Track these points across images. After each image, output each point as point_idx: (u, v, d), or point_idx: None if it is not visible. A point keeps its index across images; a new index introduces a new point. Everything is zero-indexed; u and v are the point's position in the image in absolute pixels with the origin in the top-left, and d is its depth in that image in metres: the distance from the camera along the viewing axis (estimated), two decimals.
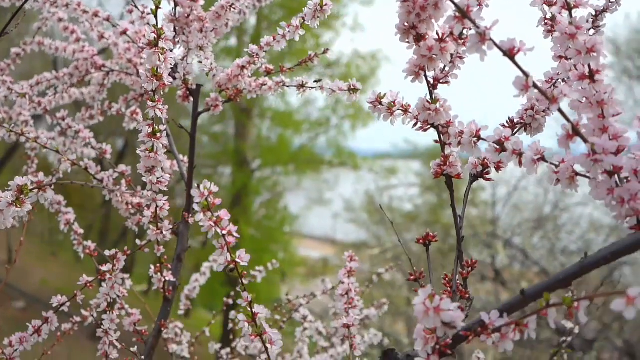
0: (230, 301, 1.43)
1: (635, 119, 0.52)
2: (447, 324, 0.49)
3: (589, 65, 0.52)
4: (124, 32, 0.99)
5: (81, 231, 1.09)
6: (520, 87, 0.50)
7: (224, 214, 0.61)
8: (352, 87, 0.83)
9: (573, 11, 0.59)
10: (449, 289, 0.62)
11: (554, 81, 0.68)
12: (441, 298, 0.49)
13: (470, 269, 0.62)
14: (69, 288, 1.03)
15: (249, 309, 0.63)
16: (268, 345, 0.63)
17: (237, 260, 0.62)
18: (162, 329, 0.97)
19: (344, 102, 11.70)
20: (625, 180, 0.51)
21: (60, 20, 1.17)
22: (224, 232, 0.61)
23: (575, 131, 0.50)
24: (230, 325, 1.41)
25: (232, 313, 1.16)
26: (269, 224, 11.01)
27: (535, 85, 0.49)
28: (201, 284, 1.40)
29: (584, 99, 0.53)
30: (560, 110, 0.50)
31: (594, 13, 0.71)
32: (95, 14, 1.07)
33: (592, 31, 0.70)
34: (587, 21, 0.69)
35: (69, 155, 1.00)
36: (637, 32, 8.98)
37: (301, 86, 0.94)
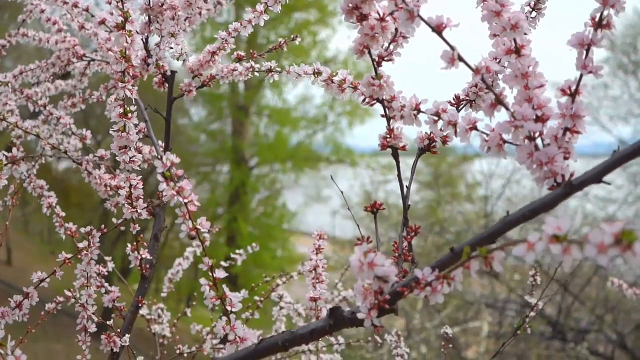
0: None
1: (557, 89, 0.57)
2: (380, 277, 0.54)
3: (514, 40, 0.57)
4: (102, 22, 1.03)
5: (63, 214, 1.13)
6: (447, 60, 0.54)
7: (186, 184, 0.65)
8: (316, 70, 0.88)
9: None
10: (396, 254, 0.67)
11: (498, 59, 0.72)
12: (375, 254, 0.53)
13: (413, 233, 0.66)
14: (68, 286, 1.07)
15: (210, 274, 0.68)
16: (228, 308, 0.67)
17: (198, 227, 0.66)
18: (140, 305, 1.01)
19: (341, 99, 11.74)
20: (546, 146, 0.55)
21: (42, 11, 1.21)
22: (186, 200, 0.65)
23: (498, 100, 0.54)
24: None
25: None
26: (267, 222, 11.06)
27: (460, 58, 0.54)
28: (184, 268, 1.45)
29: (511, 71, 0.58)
30: (484, 81, 0.54)
31: None
32: (75, 5, 1.11)
33: (533, 13, 0.74)
34: (529, 4, 0.74)
35: (50, 140, 1.04)
36: (632, 26, 9.01)
37: (269, 70, 0.98)
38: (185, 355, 1.10)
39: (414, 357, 5.21)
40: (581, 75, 0.56)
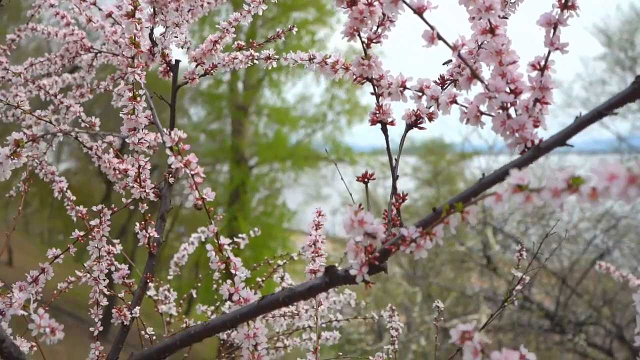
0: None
1: (527, 65, 0.63)
2: (369, 234, 0.60)
3: (489, 21, 0.63)
4: (110, 15, 1.10)
5: (73, 198, 1.19)
6: (428, 38, 0.60)
7: (192, 157, 0.72)
8: (311, 56, 0.94)
9: None
10: (385, 220, 0.73)
11: (479, 42, 0.78)
12: (365, 213, 0.59)
13: (402, 200, 0.72)
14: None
15: (216, 240, 0.74)
16: (233, 271, 0.74)
17: (204, 196, 0.72)
18: (148, 281, 1.07)
19: (340, 97, 11.78)
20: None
21: (51, 5, 1.28)
22: (193, 172, 0.71)
23: (473, 74, 0.61)
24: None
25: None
26: (267, 221, 11.10)
27: (439, 37, 0.60)
28: (189, 253, 1.51)
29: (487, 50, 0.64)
30: (460, 57, 0.61)
31: None
32: None
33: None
34: None
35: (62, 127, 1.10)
36: (629, 23, 9.06)
37: (268, 58, 1.04)
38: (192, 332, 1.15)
39: (414, 349, 5.27)
40: (549, 52, 0.62)
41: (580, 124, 0.56)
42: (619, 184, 0.38)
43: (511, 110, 0.62)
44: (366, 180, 0.75)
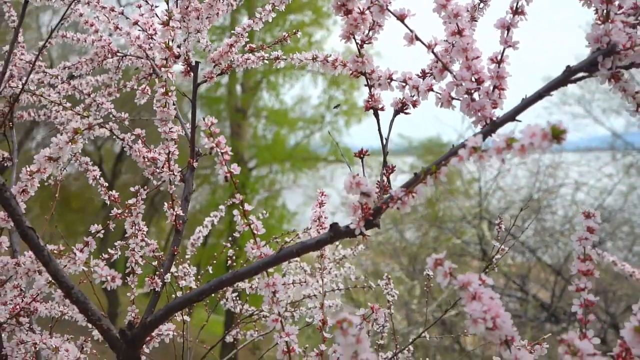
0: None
1: (487, 59, 0.79)
2: (364, 193, 0.76)
3: (457, 25, 0.80)
4: (136, 23, 1.26)
5: (106, 184, 1.36)
6: (408, 39, 0.77)
7: (222, 139, 0.88)
8: (314, 56, 1.10)
9: None
10: (378, 189, 0.89)
11: (450, 42, 0.95)
12: (361, 177, 0.76)
13: (391, 171, 0.89)
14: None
15: (241, 207, 0.90)
16: (255, 232, 0.90)
17: (232, 170, 0.89)
18: (175, 253, 1.24)
19: (337, 99, 11.94)
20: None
21: (81, 15, 1.44)
22: (222, 151, 0.88)
23: (444, 67, 0.77)
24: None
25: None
26: (267, 222, 11.26)
27: (417, 38, 0.76)
28: (204, 235, 1.68)
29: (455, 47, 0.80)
30: (434, 53, 0.77)
31: None
32: (112, 9, 1.34)
33: (481, 4, 0.97)
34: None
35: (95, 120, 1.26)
36: None
37: (277, 58, 1.21)
38: (224, 279, 1.32)
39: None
40: (504, 49, 0.78)
41: (526, 103, 0.73)
42: (536, 140, 0.55)
43: (475, 95, 0.78)
44: (362, 156, 0.92)
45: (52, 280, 0.93)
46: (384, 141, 0.91)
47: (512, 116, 0.73)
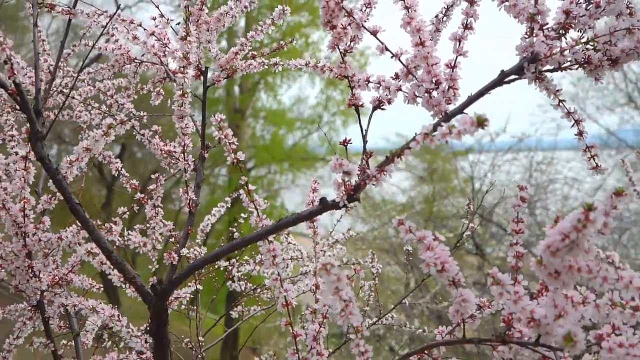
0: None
1: (443, 65, 0.99)
2: (346, 172, 0.96)
3: (419, 37, 1.00)
4: (152, 33, 1.46)
5: (127, 175, 1.55)
6: (379, 50, 0.97)
7: (230, 131, 1.08)
8: (307, 62, 1.30)
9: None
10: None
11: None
12: (343, 160, 0.96)
13: (369, 155, 1.09)
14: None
15: (246, 187, 1.10)
16: (258, 207, 1.10)
17: (238, 157, 1.09)
18: (189, 232, 1.44)
19: (335, 98, 12.12)
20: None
21: (103, 27, 1.64)
22: (230, 141, 1.08)
23: (408, 71, 0.97)
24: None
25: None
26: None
27: (386, 48, 0.96)
28: (212, 222, 1.88)
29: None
30: (400, 61, 0.97)
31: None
32: (131, 22, 1.54)
33: (444, 18, 1.17)
34: (442, 12, 1.16)
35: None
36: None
37: (276, 64, 1.41)
38: (234, 243, 1.51)
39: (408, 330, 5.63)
40: (456, 57, 0.98)
41: (471, 100, 0.93)
42: (467, 126, 0.75)
43: (434, 93, 0.98)
44: (346, 144, 1.12)
45: (91, 251, 1.13)
46: (364, 132, 1.11)
47: (460, 109, 0.94)
